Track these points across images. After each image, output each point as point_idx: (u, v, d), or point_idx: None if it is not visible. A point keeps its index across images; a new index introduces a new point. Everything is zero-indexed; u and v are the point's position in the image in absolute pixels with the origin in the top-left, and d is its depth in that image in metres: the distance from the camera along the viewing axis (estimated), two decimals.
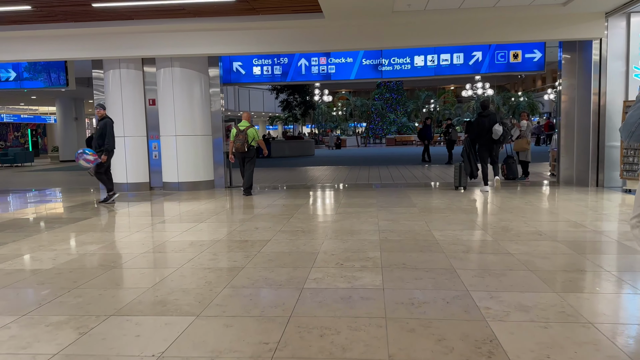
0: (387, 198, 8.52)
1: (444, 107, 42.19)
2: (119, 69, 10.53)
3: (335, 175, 13.38)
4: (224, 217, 7.05)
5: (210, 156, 10.83)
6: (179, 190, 10.45)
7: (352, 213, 6.95)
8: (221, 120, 10.90)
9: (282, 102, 27.75)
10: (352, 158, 22.89)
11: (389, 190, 9.83)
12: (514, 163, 11.27)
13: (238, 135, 9.20)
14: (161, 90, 10.49)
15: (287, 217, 6.78)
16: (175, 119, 10.40)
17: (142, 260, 4.60)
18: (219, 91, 10.85)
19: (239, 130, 9.24)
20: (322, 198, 9.04)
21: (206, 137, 10.74)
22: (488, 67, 11.07)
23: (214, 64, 10.80)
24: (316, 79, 11.48)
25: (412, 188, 10.03)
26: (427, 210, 7.13)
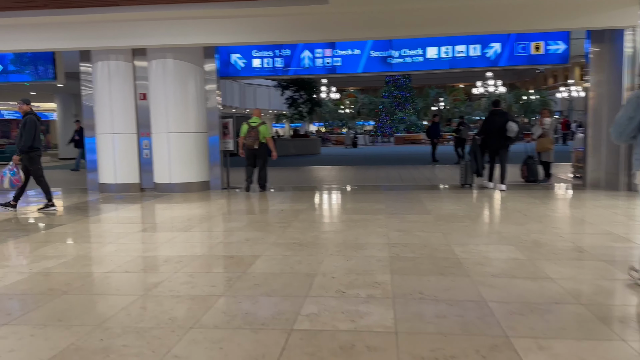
0: (398, 203, 7.68)
1: (454, 105, 41.19)
2: (107, 61, 9.75)
3: (341, 176, 12.55)
4: (214, 224, 6.24)
5: (206, 155, 10.04)
6: (172, 191, 9.66)
7: (358, 221, 6.12)
8: (217, 116, 10.10)
9: (288, 99, 26.92)
10: (360, 157, 22.04)
11: (398, 193, 8.99)
12: (535, 164, 10.37)
13: (250, 132, 9.06)
14: (153, 84, 9.71)
15: (284, 225, 5.96)
16: (167, 115, 9.61)
17: (102, 284, 3.80)
18: (215, 85, 10.05)
19: (251, 127, 9.09)
20: (325, 202, 8.22)
21: (201, 134, 9.94)
22: (507, 60, 10.19)
23: (209, 56, 10.00)
24: (320, 72, 10.65)
25: (424, 191, 9.18)
26: (444, 218, 6.28)
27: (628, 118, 3.25)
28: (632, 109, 3.27)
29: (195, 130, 9.85)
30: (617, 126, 3.33)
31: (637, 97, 3.29)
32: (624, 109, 3.28)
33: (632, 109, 3.27)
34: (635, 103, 3.28)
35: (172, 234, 5.63)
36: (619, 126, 3.31)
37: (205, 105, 10.01)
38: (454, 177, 11.50)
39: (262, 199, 8.56)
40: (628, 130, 3.28)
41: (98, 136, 10.02)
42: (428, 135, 17.10)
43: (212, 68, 10.01)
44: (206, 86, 10.01)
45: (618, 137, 3.38)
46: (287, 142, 25.78)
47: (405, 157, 21.19)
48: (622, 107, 3.33)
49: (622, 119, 3.29)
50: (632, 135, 3.33)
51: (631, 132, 3.31)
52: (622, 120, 3.29)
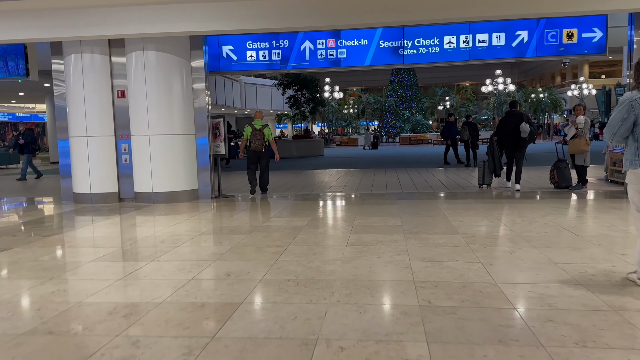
0: (416, 217, 6.46)
1: (461, 104, 39.88)
2: (80, 54, 8.57)
3: (347, 181, 11.33)
4: (192, 249, 5.04)
5: (193, 160, 8.85)
6: (154, 202, 8.48)
7: (371, 244, 4.91)
8: (206, 116, 8.91)
9: (289, 99, 25.74)
10: (365, 159, 20.81)
11: (414, 203, 7.77)
12: (567, 168, 9.13)
13: (255, 135, 8.93)
14: (132, 79, 8.52)
15: (279, 250, 4.76)
16: (148, 114, 8.43)
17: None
18: (203, 81, 8.85)
19: (255, 130, 8.95)
20: (329, 216, 7.00)
21: (188, 136, 8.76)
22: (535, 50, 8.94)
23: (197, 48, 8.81)
24: (323, 65, 9.43)
25: (442, 199, 7.96)
26: (476, 238, 5.06)
27: (621, 119, 3.38)
28: (625, 111, 3.38)
29: (181, 132, 8.66)
30: (611, 127, 3.46)
31: (629, 100, 3.39)
32: (618, 111, 3.41)
33: (625, 111, 3.38)
34: (628, 105, 3.38)
35: (137, 263, 4.43)
36: (612, 127, 3.45)
37: (192, 104, 8.82)
38: (469, 182, 10.22)
39: (257, 211, 7.36)
40: (622, 131, 3.41)
41: (71, 139, 8.84)
42: (443, 135, 15.83)
43: (200, 61, 8.82)
44: (193, 82, 8.82)
45: (611, 138, 3.51)
46: (289, 144, 24.58)
47: (414, 158, 19.96)
48: (615, 109, 3.46)
49: (615, 120, 3.42)
50: (625, 136, 3.46)
51: (624, 133, 3.44)
52: (615, 122, 3.41)
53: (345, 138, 41.84)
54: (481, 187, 9.51)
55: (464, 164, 15.23)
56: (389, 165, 16.42)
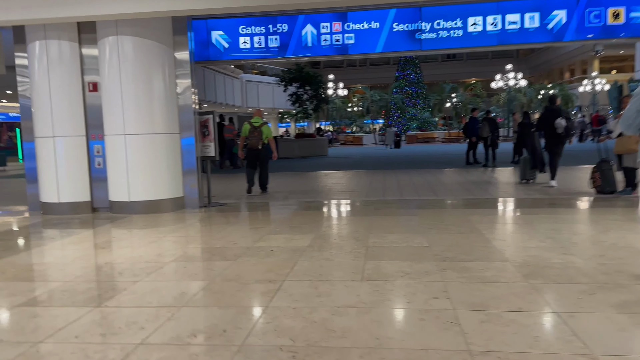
0: (444, 233, 5.21)
1: (469, 101, 38.48)
2: (45, 41, 7.35)
3: (355, 185, 10.07)
4: (153, 287, 3.80)
5: (178, 163, 7.63)
6: (132, 212, 7.26)
7: (394, 279, 3.67)
8: (193, 112, 7.68)
9: (291, 96, 24.48)
10: (372, 159, 19.55)
11: (437, 213, 6.51)
12: (611, 170, 7.86)
13: (253, 132, 8.78)
14: (105, 69, 7.30)
15: (270, 289, 3.52)
16: (123, 109, 7.20)
17: None
18: (189, 71, 7.62)
19: (253, 127, 8.82)
20: (336, 233, 5.75)
21: (171, 136, 7.53)
22: (575, 33, 7.69)
23: (181, 32, 7.58)
24: (328, 53, 8.19)
25: (471, 209, 6.71)
26: (535, 268, 3.82)
27: (636, 111, 3.53)
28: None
29: (163, 130, 7.43)
30: (626, 118, 3.64)
31: None
32: (633, 102, 3.57)
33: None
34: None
35: (75, 311, 3.21)
36: (628, 118, 3.62)
37: (176, 98, 7.60)
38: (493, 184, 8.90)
39: (251, 224, 6.12)
40: (637, 122, 3.54)
41: (37, 140, 7.63)
42: (465, 133, 14.57)
43: (184, 48, 7.59)
44: (177, 72, 7.59)
45: (627, 129, 3.68)
46: (291, 143, 23.31)
47: (424, 158, 18.68)
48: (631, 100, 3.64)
49: (630, 111, 3.59)
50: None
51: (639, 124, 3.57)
52: (631, 113, 3.58)
53: (350, 137, 40.58)
54: (521, 182, 9.39)
55: (481, 164, 13.96)
56: (398, 165, 15.15)
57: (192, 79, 7.66)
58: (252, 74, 40.80)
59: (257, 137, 8.76)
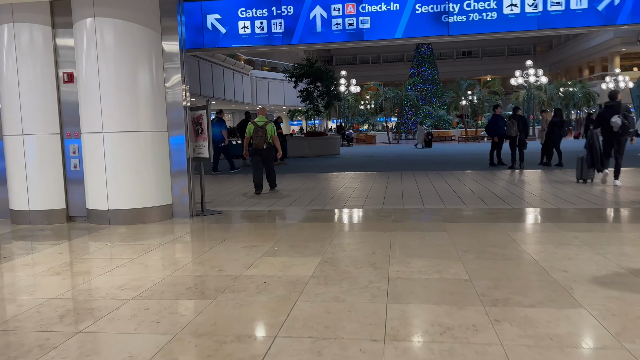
0: (486, 259, 4.11)
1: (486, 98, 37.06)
2: (12, 23, 6.38)
3: (369, 190, 8.99)
4: (93, 345, 2.77)
5: (166, 165, 6.61)
6: (113, 222, 6.27)
7: (430, 337, 2.60)
8: (183, 108, 6.66)
9: (302, 92, 23.42)
10: (386, 159, 18.43)
11: (470, 228, 5.41)
12: None
13: (257, 132, 8.56)
14: (82, 56, 6.30)
15: (255, 354, 2.47)
16: (102, 103, 6.20)
17: None
18: (179, 59, 6.60)
19: (257, 127, 8.59)
20: (347, 257, 4.67)
21: (158, 134, 6.52)
22: (631, 15, 6.53)
23: (170, 14, 6.57)
24: (339, 39, 7.11)
25: (509, 222, 5.58)
26: (621, 318, 2.72)
27: None
28: None
29: (150, 127, 6.43)
30: None
31: None
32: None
33: None
34: None
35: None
36: None
37: (164, 90, 6.58)
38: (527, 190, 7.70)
39: (244, 241, 5.07)
40: None
41: (5, 139, 6.67)
42: (488, 131, 13.38)
43: (173, 33, 6.57)
44: (165, 60, 6.58)
45: None
46: (301, 142, 22.21)
47: (442, 158, 17.51)
48: None
49: None
50: None
51: None
52: None
53: (362, 135, 39.43)
54: (578, 182, 9.06)
55: (507, 166, 12.78)
56: (415, 166, 14.01)
57: (182, 69, 6.64)
58: (262, 71, 39.85)
59: (262, 137, 8.53)
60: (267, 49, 7.33)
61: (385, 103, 37.44)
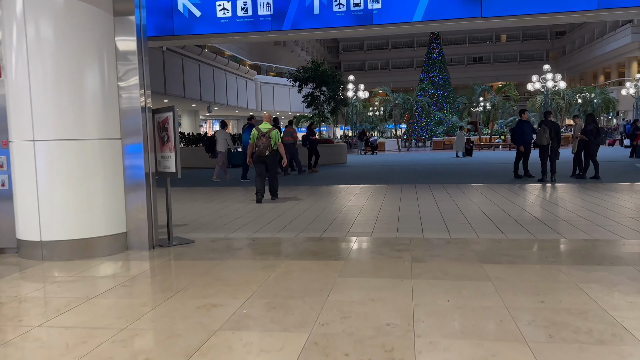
0: (569, 345, 2.59)
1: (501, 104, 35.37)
2: None
3: (379, 210, 7.48)
4: None
5: (119, 182, 5.16)
6: (47, 258, 4.83)
7: None
8: (141, 109, 5.20)
9: (306, 97, 22.00)
10: (397, 169, 16.90)
11: (523, 274, 3.87)
12: None
13: (261, 138, 8.38)
14: (11, 43, 4.88)
15: None
16: (32, 102, 4.78)
17: None
18: (135, 49, 5.16)
19: (261, 133, 8.40)
20: (347, 331, 3.15)
21: (109, 142, 5.07)
22: None
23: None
24: (343, 23, 5.65)
25: (583, 267, 4.05)
26: None
27: None
28: None
29: (97, 134, 4.98)
30: None
31: None
32: None
33: None
34: None
35: None
36: None
37: (116, 89, 5.14)
38: (573, 212, 6.10)
39: (206, 293, 3.58)
40: None
41: None
42: (514, 139, 11.80)
43: (129, 15, 5.13)
44: (119, 51, 5.15)
45: None
46: (304, 149, 20.71)
47: (459, 168, 15.93)
48: None
49: None
50: None
51: None
52: None
53: None
54: None
55: (536, 179, 11.24)
56: (429, 178, 12.48)
57: (141, 62, 5.19)
58: (267, 76, 38.53)
59: (266, 144, 8.33)
60: (253, 36, 5.88)
61: (394, 109, 35.90)
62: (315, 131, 17.13)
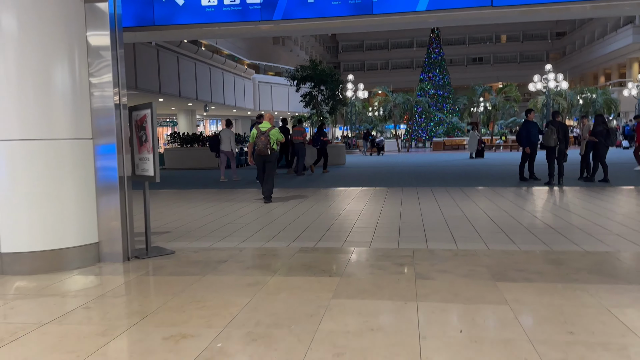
0: None
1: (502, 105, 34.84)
2: None
3: (378, 216, 6.98)
4: None
5: (91, 187, 4.65)
6: (3, 273, 4.32)
7: None
8: (115, 107, 4.68)
9: (304, 96, 21.48)
10: (397, 170, 16.39)
11: (545, 296, 3.36)
12: None
13: (260, 137, 8.31)
14: None
15: None
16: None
17: None
18: (108, 43, 4.64)
19: (260, 132, 8.33)
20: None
21: (79, 142, 4.56)
22: None
23: None
24: (339, 12, 5.14)
25: (605, 289, 3.55)
26: None
27: None
28: None
29: (66, 135, 4.48)
30: None
31: None
32: None
33: None
34: None
35: None
36: None
37: (87, 86, 4.64)
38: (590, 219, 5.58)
39: (177, 319, 3.08)
40: None
41: None
42: (519, 140, 11.29)
43: (104, 9, 4.62)
44: (92, 43, 4.64)
45: None
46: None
47: (460, 169, 15.40)
48: None
49: None
50: None
51: None
52: None
53: None
54: None
55: (542, 182, 10.74)
56: (431, 180, 11.97)
57: (116, 55, 4.69)
58: (265, 75, 38.02)
59: (265, 143, 8.27)
60: (241, 27, 5.36)
61: (394, 109, 35.37)
62: (325, 131, 16.64)
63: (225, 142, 12.65)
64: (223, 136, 12.73)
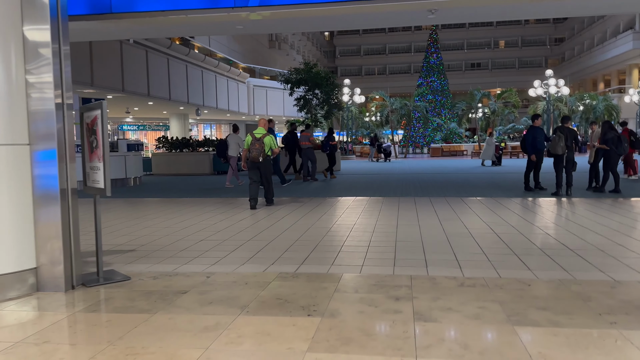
0: None
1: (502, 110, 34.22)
2: None
3: (372, 232, 6.23)
4: None
5: (28, 200, 3.90)
6: None
7: None
8: (56, 108, 3.93)
9: (298, 100, 20.77)
10: (394, 178, 15.66)
11: (580, 350, 2.65)
12: None
13: (254, 144, 8.19)
14: None
15: None
16: None
17: None
18: (49, 38, 3.90)
19: (255, 139, 8.22)
20: None
21: (12, 148, 3.82)
22: None
23: None
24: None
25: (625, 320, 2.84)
26: None
27: None
28: None
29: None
30: None
31: None
32: None
33: None
34: None
35: None
36: None
37: (24, 83, 3.89)
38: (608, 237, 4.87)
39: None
40: None
41: None
42: (524, 147, 10.57)
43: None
44: (29, 32, 3.90)
45: None
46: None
47: (460, 177, 14.66)
48: None
49: None
50: None
51: None
52: None
53: (366, 148, 36.74)
54: None
55: (546, 191, 10.04)
56: (430, 189, 11.24)
57: (59, 49, 3.95)
58: (260, 79, 37.32)
59: (259, 150, 8.15)
60: (212, 15, 4.63)
61: (391, 114, 34.72)
62: (334, 136, 16.19)
63: (232, 147, 12.63)
64: (230, 141, 12.72)
